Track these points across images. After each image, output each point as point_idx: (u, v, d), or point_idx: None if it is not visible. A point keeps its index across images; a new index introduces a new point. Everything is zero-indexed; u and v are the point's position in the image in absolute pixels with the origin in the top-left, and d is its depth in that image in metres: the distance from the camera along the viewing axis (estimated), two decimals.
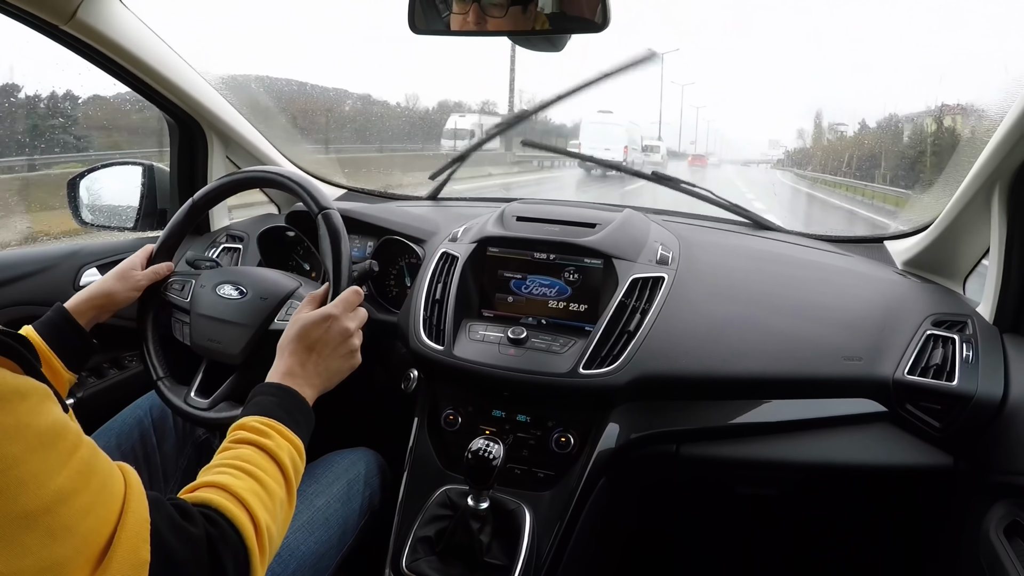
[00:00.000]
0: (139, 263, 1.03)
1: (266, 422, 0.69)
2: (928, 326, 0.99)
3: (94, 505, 0.45)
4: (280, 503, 0.63)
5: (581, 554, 0.94)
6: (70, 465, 0.44)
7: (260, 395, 0.74)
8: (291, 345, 0.82)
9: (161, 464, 1.04)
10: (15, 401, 0.42)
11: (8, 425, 0.41)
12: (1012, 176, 0.93)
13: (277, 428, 0.69)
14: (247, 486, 0.60)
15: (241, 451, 0.65)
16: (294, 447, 0.69)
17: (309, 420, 0.76)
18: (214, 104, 1.36)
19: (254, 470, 0.63)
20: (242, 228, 1.40)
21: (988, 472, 0.89)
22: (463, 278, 1.08)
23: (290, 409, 0.73)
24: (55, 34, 1.07)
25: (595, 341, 0.96)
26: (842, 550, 1.30)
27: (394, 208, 1.38)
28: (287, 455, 0.67)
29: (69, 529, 0.43)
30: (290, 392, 0.76)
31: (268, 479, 0.63)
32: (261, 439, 0.67)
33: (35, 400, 0.44)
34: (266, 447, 0.66)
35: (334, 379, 0.84)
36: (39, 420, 0.44)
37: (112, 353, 1.29)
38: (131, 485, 0.50)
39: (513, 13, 0.81)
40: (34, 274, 1.22)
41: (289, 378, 0.78)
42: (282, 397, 0.75)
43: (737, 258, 1.16)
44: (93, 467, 0.47)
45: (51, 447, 0.44)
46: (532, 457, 0.98)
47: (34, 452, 0.42)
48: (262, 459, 0.65)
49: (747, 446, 0.97)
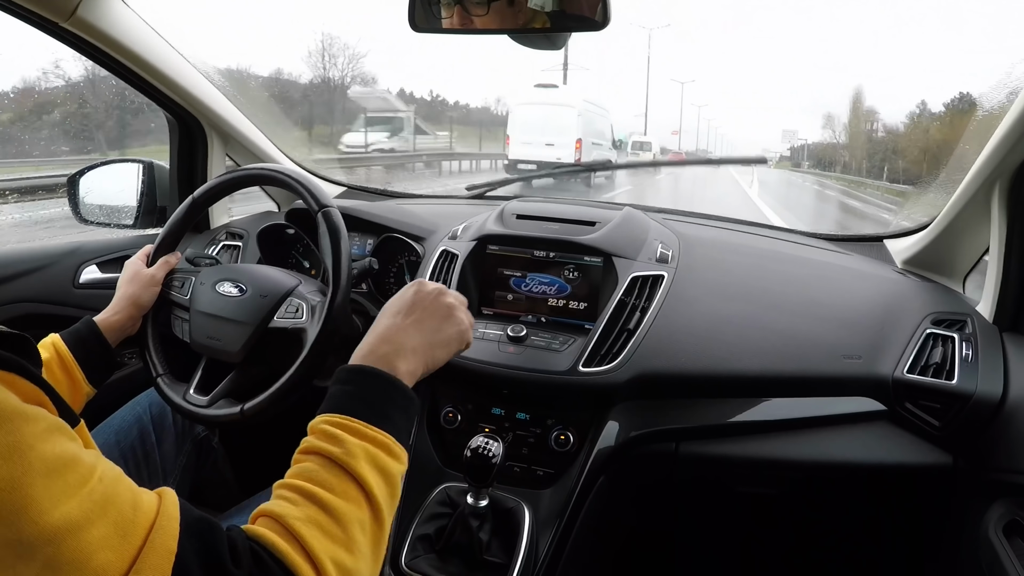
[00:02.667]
0: (143, 262, 1.03)
1: (335, 420, 0.57)
2: (928, 325, 0.99)
3: (111, 539, 0.41)
4: (360, 526, 0.52)
5: (580, 552, 0.94)
6: (81, 495, 0.41)
7: (336, 384, 0.61)
8: (385, 313, 0.70)
9: (160, 462, 1.04)
10: (17, 422, 0.40)
11: (7, 445, 0.39)
12: (1012, 175, 0.93)
13: (350, 427, 0.56)
14: (303, 513, 0.50)
15: (305, 465, 0.54)
16: (378, 446, 0.56)
17: (404, 403, 0.61)
18: (214, 101, 1.35)
19: (316, 491, 0.52)
20: (241, 226, 1.40)
21: (987, 471, 0.89)
22: (463, 276, 1.08)
23: (372, 397, 0.59)
24: (55, 31, 1.07)
25: (595, 339, 0.96)
26: (841, 549, 1.30)
27: (394, 206, 1.38)
28: (366, 460, 0.55)
29: (77, 564, 0.40)
30: (372, 374, 0.61)
31: (335, 499, 0.52)
32: (327, 446, 0.55)
33: (43, 427, 0.42)
34: (334, 456, 0.54)
35: (439, 350, 0.69)
36: (45, 446, 0.41)
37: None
38: (162, 512, 0.45)
39: (498, 8, 0.81)
40: (34, 271, 1.22)
41: (379, 349, 0.64)
42: (360, 383, 0.60)
43: (737, 256, 1.16)
44: (111, 498, 0.43)
45: (57, 475, 0.41)
46: (531, 455, 0.98)
47: (37, 477, 0.40)
48: (328, 473, 0.53)
49: (746, 444, 0.97)
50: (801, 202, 14.08)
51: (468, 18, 0.83)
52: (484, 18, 0.82)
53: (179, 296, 1.02)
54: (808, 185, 17.46)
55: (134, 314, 0.98)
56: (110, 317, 0.95)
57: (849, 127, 27.05)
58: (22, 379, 0.45)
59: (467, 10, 0.82)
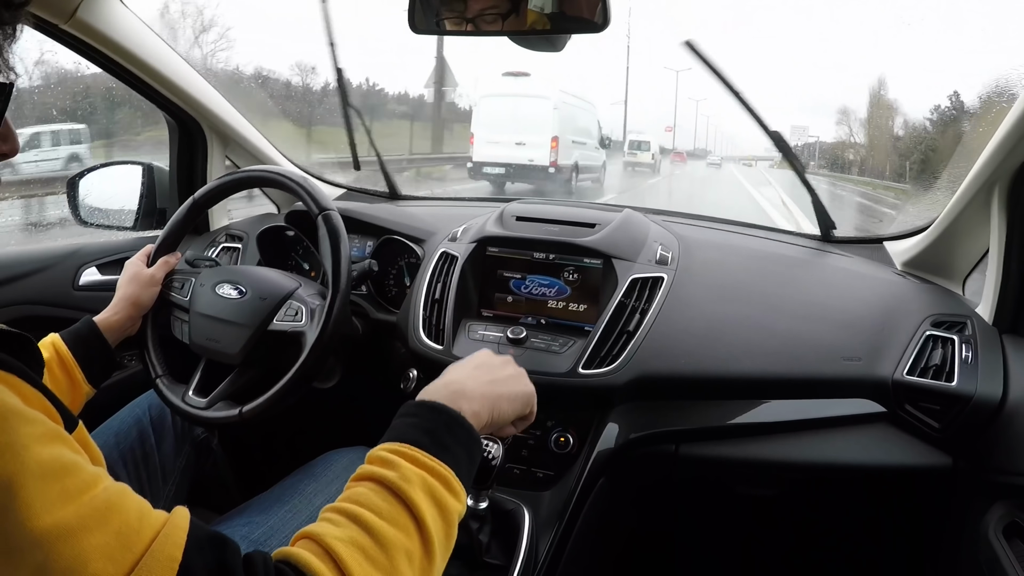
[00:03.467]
0: (143, 263, 1.03)
1: (393, 448, 0.53)
2: (927, 327, 0.99)
3: (110, 547, 0.40)
4: (406, 555, 0.48)
5: (580, 554, 0.94)
6: (80, 501, 0.40)
7: (398, 417, 0.58)
8: (452, 367, 0.67)
9: (160, 463, 1.04)
10: (14, 421, 0.40)
11: (2, 443, 0.38)
12: (1012, 177, 0.93)
13: (408, 454, 0.53)
14: (345, 534, 0.47)
15: (356, 490, 0.51)
16: (435, 477, 0.52)
17: (468, 443, 0.57)
18: (213, 103, 1.35)
19: (362, 513, 0.48)
20: (241, 227, 1.40)
21: (987, 472, 0.89)
22: (462, 278, 1.08)
23: (434, 429, 0.56)
24: (55, 33, 1.07)
25: (594, 341, 0.96)
26: (841, 550, 1.30)
27: (393, 208, 1.38)
28: (421, 489, 0.51)
29: (70, 570, 0.38)
30: (437, 409, 0.58)
31: (382, 524, 0.48)
32: (381, 471, 0.51)
33: (42, 430, 0.41)
34: (387, 481, 0.50)
35: (505, 403, 0.65)
36: (42, 448, 0.40)
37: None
38: (169, 523, 0.43)
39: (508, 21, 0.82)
40: (33, 273, 1.22)
41: (443, 390, 0.61)
42: (424, 415, 0.57)
43: (737, 258, 1.16)
44: (116, 508, 0.42)
45: (54, 479, 0.40)
46: (531, 457, 0.98)
47: (30, 479, 0.38)
48: (378, 497, 0.50)
49: (746, 446, 0.97)
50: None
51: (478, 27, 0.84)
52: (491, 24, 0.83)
53: (179, 297, 1.02)
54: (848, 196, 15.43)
55: (134, 314, 0.98)
56: (110, 317, 0.95)
57: (869, 123, 22.95)
58: (23, 382, 0.44)
59: (477, 26, 0.83)
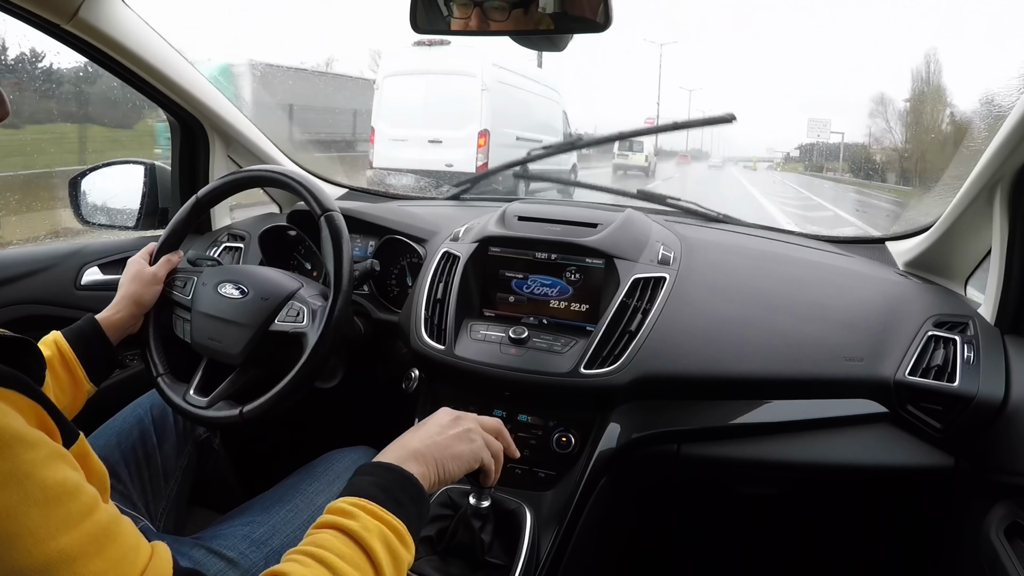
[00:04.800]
0: (145, 261, 1.03)
1: (353, 501, 0.59)
2: (929, 327, 0.99)
3: (107, 574, 0.41)
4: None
5: (582, 554, 0.94)
6: (81, 528, 0.41)
7: (356, 476, 0.64)
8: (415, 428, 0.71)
9: (161, 463, 1.04)
10: (16, 448, 0.40)
11: (5, 472, 0.39)
12: (1013, 177, 0.93)
13: (367, 508, 0.58)
14: (312, 574, 0.51)
15: (319, 536, 0.56)
16: (390, 529, 0.58)
17: (418, 500, 0.62)
18: (215, 103, 1.36)
19: (327, 556, 0.53)
20: (243, 227, 1.40)
21: (989, 473, 0.89)
22: (464, 278, 1.08)
23: (389, 487, 0.61)
24: (57, 33, 1.07)
25: (596, 341, 0.96)
26: (842, 550, 1.30)
27: (395, 207, 1.38)
28: (378, 538, 0.56)
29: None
30: (391, 469, 0.63)
31: (345, 567, 0.53)
32: (343, 520, 0.56)
33: (44, 453, 0.41)
34: (348, 529, 0.56)
35: (450, 463, 0.69)
36: (45, 473, 0.40)
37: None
38: (157, 555, 0.46)
39: (516, 14, 0.81)
40: (35, 273, 1.22)
41: (399, 452, 0.67)
42: (380, 475, 0.63)
43: (738, 258, 1.16)
44: (112, 535, 0.43)
45: (57, 504, 0.40)
46: (533, 457, 0.98)
47: (34, 506, 0.39)
48: (341, 543, 0.55)
49: (748, 446, 0.97)
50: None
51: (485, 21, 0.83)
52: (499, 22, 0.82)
53: (181, 296, 1.02)
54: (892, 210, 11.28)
55: (135, 312, 0.98)
56: (112, 315, 0.95)
57: (911, 117, 17.00)
58: (22, 396, 0.44)
59: (486, 14, 0.82)
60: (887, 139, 18.97)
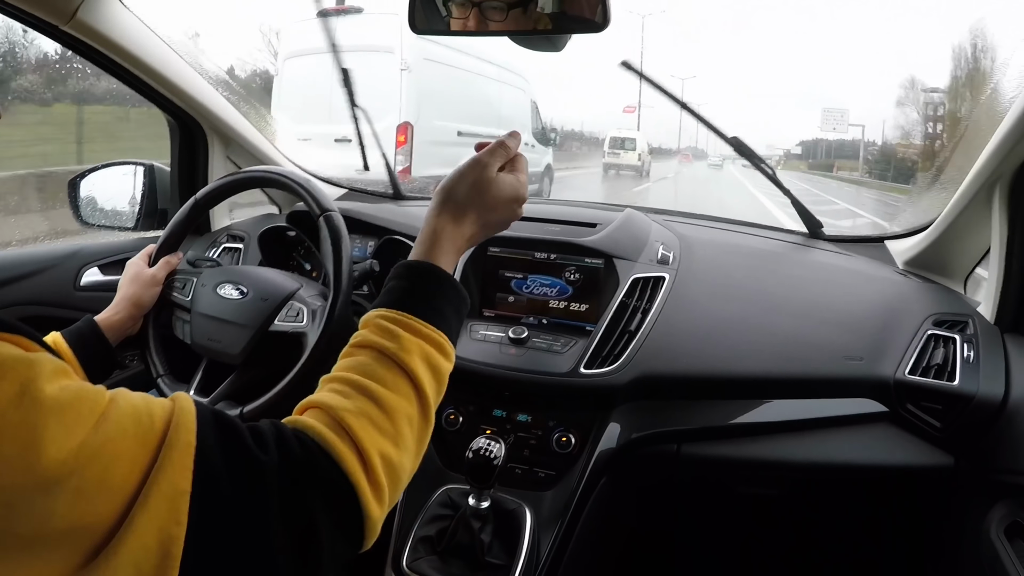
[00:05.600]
0: (144, 263, 1.03)
1: (391, 316, 0.57)
2: (929, 326, 0.99)
3: (131, 451, 0.42)
4: (408, 421, 0.54)
5: (581, 554, 0.94)
6: (96, 422, 0.42)
7: (391, 279, 0.62)
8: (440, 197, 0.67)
9: None
10: (21, 368, 0.41)
11: (15, 391, 0.40)
12: (1013, 176, 0.93)
13: (406, 323, 0.57)
14: (355, 406, 0.51)
15: (358, 358, 0.55)
16: (431, 344, 0.57)
17: (457, 302, 0.62)
18: (214, 104, 1.36)
19: (368, 384, 0.53)
20: (242, 228, 1.40)
21: (989, 472, 0.89)
22: (464, 278, 1.08)
23: (427, 293, 0.60)
24: (55, 34, 1.07)
25: (596, 341, 0.96)
26: (842, 550, 1.30)
27: (395, 208, 1.38)
28: (419, 357, 0.56)
29: (102, 482, 0.41)
30: (428, 270, 0.61)
31: (388, 394, 0.53)
32: (382, 341, 0.55)
33: (49, 368, 0.42)
34: (388, 351, 0.55)
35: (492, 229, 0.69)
36: (52, 385, 0.41)
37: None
38: (178, 409, 0.46)
39: (515, 14, 0.81)
40: (34, 274, 1.22)
41: (433, 243, 0.63)
42: (415, 279, 0.61)
43: (738, 258, 1.16)
44: (125, 413, 0.44)
45: (69, 408, 0.41)
46: (533, 457, 0.98)
47: (49, 416, 0.40)
48: (381, 367, 0.54)
49: (748, 446, 0.97)
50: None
51: (483, 22, 0.83)
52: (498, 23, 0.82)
53: (180, 297, 1.02)
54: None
55: (134, 314, 0.98)
56: (111, 317, 0.95)
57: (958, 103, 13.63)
58: (28, 341, 0.45)
59: (484, 14, 0.82)
60: (916, 132, 16.99)
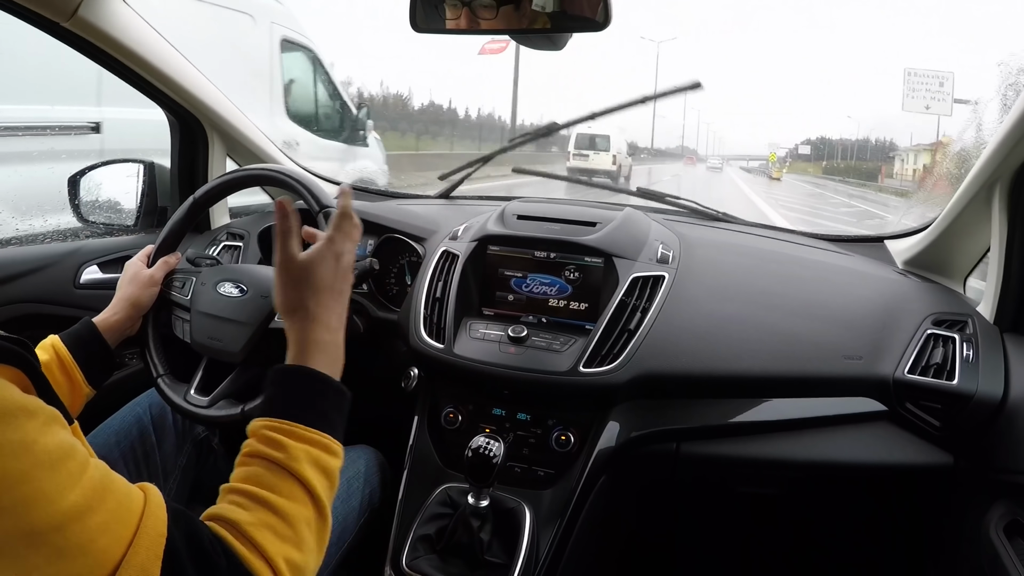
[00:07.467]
0: (143, 263, 1.03)
1: (275, 426, 0.60)
2: (928, 325, 0.99)
3: (110, 524, 0.44)
4: (306, 524, 0.56)
5: (581, 552, 0.94)
6: (82, 484, 0.44)
7: (270, 387, 0.64)
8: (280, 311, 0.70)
9: (160, 462, 1.04)
10: (22, 418, 0.42)
11: (14, 442, 0.41)
12: (1012, 176, 0.93)
13: (291, 431, 0.59)
14: (256, 519, 0.54)
15: (252, 468, 0.58)
16: (317, 447, 0.60)
17: (336, 399, 0.64)
18: (215, 102, 1.35)
19: (265, 495, 0.55)
20: (242, 226, 1.40)
21: (988, 471, 0.89)
22: (463, 276, 1.08)
23: (306, 398, 0.62)
24: (56, 32, 1.07)
25: (595, 339, 0.96)
26: (842, 549, 1.30)
27: (394, 206, 1.38)
28: (307, 462, 0.58)
29: (82, 548, 0.42)
30: (302, 373, 0.64)
31: (284, 502, 0.55)
32: (271, 451, 0.58)
33: (43, 419, 0.44)
34: (278, 461, 0.57)
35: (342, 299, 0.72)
36: (47, 439, 0.43)
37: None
38: (150, 500, 0.48)
39: (506, 12, 0.82)
40: (34, 272, 1.22)
41: (300, 348, 0.66)
42: (289, 385, 0.63)
43: (738, 257, 1.16)
44: (108, 487, 0.46)
45: (61, 465, 0.43)
46: (532, 455, 0.98)
47: (42, 470, 0.42)
48: (275, 478, 0.57)
49: (747, 445, 0.97)
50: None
51: (475, 20, 0.83)
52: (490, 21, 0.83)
53: (180, 296, 1.02)
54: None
55: (133, 315, 0.98)
56: (109, 318, 0.95)
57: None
58: (22, 374, 0.47)
59: (474, 13, 0.83)
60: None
